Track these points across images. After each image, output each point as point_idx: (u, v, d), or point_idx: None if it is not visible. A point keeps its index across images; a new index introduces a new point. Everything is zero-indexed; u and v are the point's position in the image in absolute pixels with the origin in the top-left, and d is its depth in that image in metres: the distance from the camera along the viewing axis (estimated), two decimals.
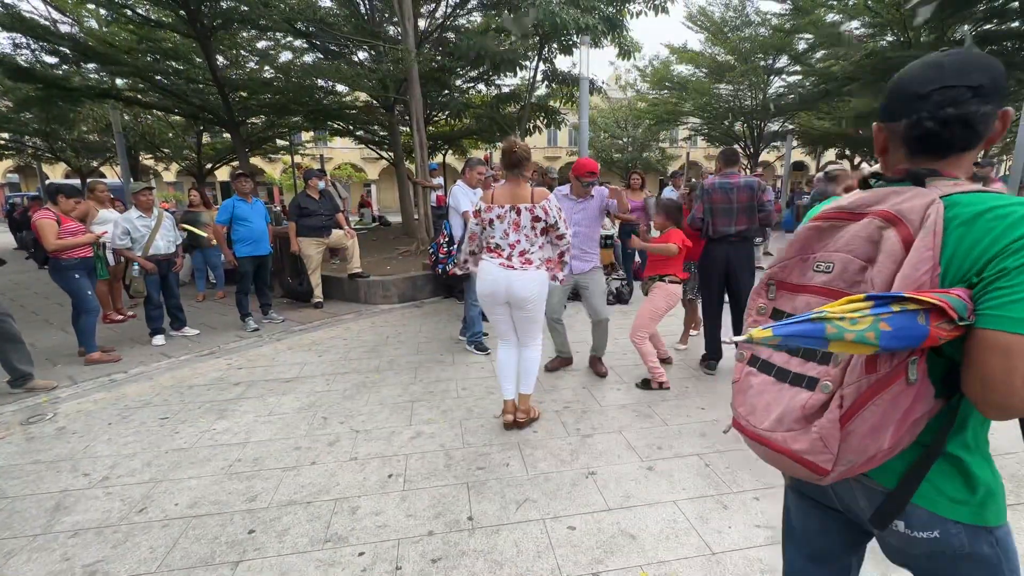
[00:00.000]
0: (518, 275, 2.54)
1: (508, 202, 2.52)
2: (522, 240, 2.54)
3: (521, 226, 2.52)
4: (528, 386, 2.80)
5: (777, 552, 1.82)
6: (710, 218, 3.44)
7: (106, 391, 3.57)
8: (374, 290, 6.11)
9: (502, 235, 2.55)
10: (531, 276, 2.55)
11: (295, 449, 2.67)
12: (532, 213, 2.51)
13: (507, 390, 2.79)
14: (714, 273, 3.55)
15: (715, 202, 3.42)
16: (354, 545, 1.91)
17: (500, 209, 2.53)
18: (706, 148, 32.00)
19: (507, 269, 2.54)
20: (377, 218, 18.58)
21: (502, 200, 2.54)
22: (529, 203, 2.50)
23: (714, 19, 16.55)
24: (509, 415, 2.80)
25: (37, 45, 7.94)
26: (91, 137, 15.01)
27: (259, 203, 5.23)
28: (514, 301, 2.59)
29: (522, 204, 2.50)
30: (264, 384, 3.62)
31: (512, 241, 2.55)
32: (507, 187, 2.57)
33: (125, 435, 2.88)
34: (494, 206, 2.54)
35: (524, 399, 2.81)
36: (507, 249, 2.56)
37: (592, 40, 7.66)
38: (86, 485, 2.37)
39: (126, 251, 4.45)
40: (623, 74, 22.02)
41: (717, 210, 3.42)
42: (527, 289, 2.55)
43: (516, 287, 2.54)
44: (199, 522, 2.07)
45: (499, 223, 2.54)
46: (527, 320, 2.68)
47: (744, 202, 3.40)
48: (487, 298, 2.64)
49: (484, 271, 2.62)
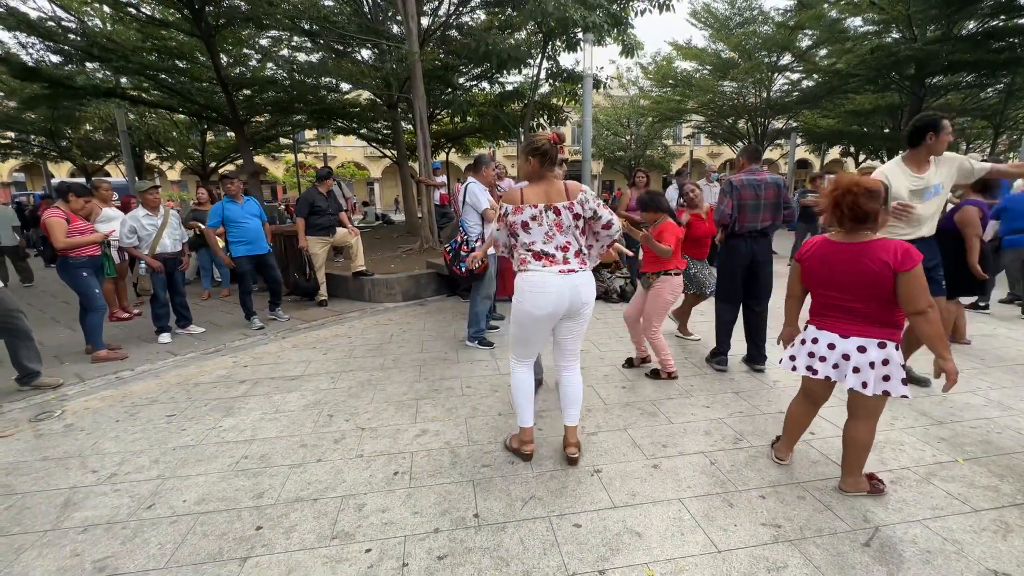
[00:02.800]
0: (582, 277, 2.24)
1: (542, 201, 2.20)
2: (572, 241, 2.24)
3: (565, 226, 2.20)
4: (577, 416, 2.46)
5: (784, 551, 1.82)
6: (737, 214, 3.45)
7: (113, 389, 3.59)
8: (378, 288, 6.12)
9: (544, 239, 2.21)
10: (591, 277, 2.31)
11: (301, 446, 2.68)
12: (572, 211, 2.19)
13: (528, 415, 2.43)
14: (738, 267, 3.54)
15: (744, 198, 3.43)
16: (361, 542, 1.92)
17: (533, 210, 2.18)
18: (709, 146, 31.89)
19: (568, 275, 2.21)
20: (380, 216, 18.62)
21: (534, 199, 2.20)
22: (567, 200, 2.20)
23: (718, 15, 16.47)
24: (533, 444, 2.45)
25: (42, 44, 7.99)
26: (96, 136, 15.10)
27: (251, 202, 5.14)
28: (575, 311, 2.28)
29: (559, 203, 2.19)
30: (270, 382, 3.64)
31: (561, 243, 2.22)
32: (539, 186, 2.24)
33: (132, 432, 2.90)
34: (524, 207, 2.20)
35: (574, 431, 2.45)
36: (559, 253, 2.22)
37: (596, 38, 7.64)
38: (94, 482, 2.39)
39: (133, 249, 4.47)
40: (625, 72, 21.96)
41: (745, 206, 3.43)
42: (590, 292, 2.28)
43: (583, 291, 2.24)
44: (207, 518, 2.09)
45: (536, 225, 2.20)
46: (582, 330, 2.40)
47: (771, 198, 3.44)
48: (544, 319, 2.25)
49: (540, 284, 2.21)
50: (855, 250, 1.92)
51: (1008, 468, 2.33)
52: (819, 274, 2.04)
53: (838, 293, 1.99)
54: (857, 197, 1.86)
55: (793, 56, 15.67)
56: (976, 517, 1.99)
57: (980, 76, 12.38)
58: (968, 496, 2.12)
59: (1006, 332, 4.40)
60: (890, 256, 1.84)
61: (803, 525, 1.95)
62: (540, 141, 2.20)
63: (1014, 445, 2.53)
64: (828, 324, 2.04)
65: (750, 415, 2.92)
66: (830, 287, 2.02)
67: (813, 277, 2.08)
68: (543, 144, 2.18)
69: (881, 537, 1.88)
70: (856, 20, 13.50)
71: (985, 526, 1.93)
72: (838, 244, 1.97)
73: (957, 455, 2.45)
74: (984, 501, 2.09)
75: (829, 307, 2.04)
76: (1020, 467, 2.33)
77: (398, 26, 10.42)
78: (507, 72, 9.72)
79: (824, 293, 2.05)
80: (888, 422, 2.79)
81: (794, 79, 16.94)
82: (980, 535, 1.88)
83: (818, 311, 2.10)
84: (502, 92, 11.36)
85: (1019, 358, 3.78)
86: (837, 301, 2.01)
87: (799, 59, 15.55)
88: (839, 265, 1.96)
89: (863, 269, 1.89)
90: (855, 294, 1.94)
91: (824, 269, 2.01)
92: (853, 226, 1.93)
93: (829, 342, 2.01)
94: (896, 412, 2.92)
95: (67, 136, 14.51)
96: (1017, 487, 2.18)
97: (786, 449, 2.39)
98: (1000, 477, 2.26)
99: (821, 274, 2.03)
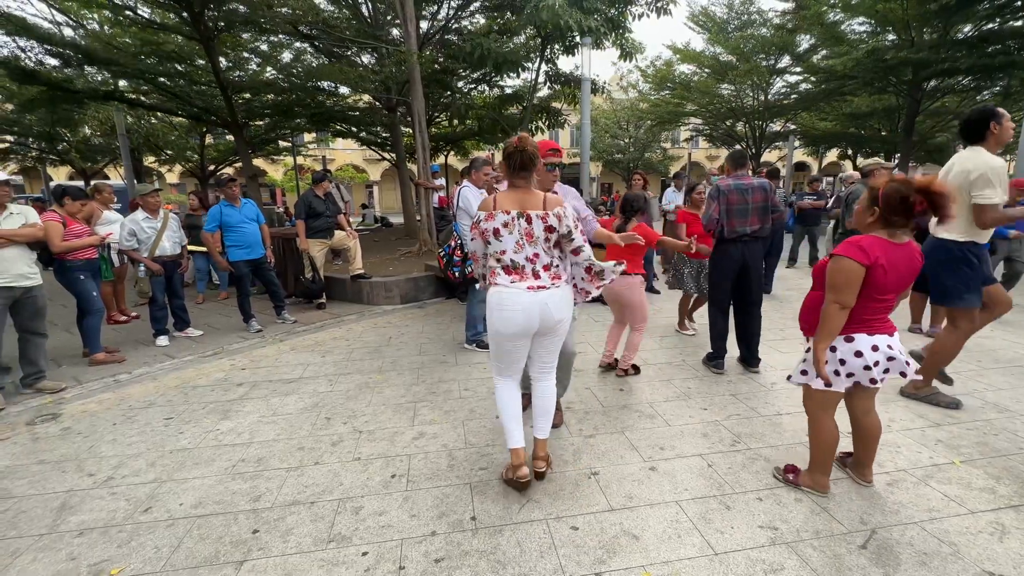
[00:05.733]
0: (553, 294, 2.10)
1: (515, 208, 2.05)
2: (542, 254, 2.09)
3: (535, 237, 2.06)
4: (547, 429, 2.31)
5: (780, 553, 1.82)
6: (726, 219, 3.48)
7: (111, 392, 3.59)
8: (376, 291, 6.12)
9: (515, 248, 2.07)
10: (564, 292, 2.15)
11: (299, 449, 2.68)
12: (545, 222, 2.04)
13: (517, 436, 2.23)
14: (729, 271, 3.57)
15: (732, 203, 3.47)
16: (358, 545, 1.92)
17: (505, 216, 2.05)
18: (708, 149, 31.97)
19: (538, 291, 2.08)
20: (379, 219, 18.63)
21: (507, 205, 2.06)
22: (541, 210, 2.04)
23: (717, 19, 16.55)
24: (525, 468, 2.20)
25: (41, 48, 8.01)
26: (95, 139, 15.10)
27: (249, 205, 5.12)
28: (548, 328, 2.15)
29: (533, 211, 2.04)
30: (268, 385, 3.63)
31: (530, 255, 2.08)
32: (513, 192, 2.09)
33: (130, 435, 2.89)
34: (497, 212, 2.06)
35: (543, 445, 2.30)
36: (528, 265, 2.09)
37: (594, 42, 7.67)
38: (91, 485, 2.38)
39: (132, 252, 4.48)
40: (625, 75, 22.03)
41: (733, 211, 3.47)
42: (562, 309, 2.14)
43: (553, 309, 2.10)
44: (203, 522, 2.08)
45: (507, 233, 2.06)
46: (556, 345, 2.27)
47: (759, 202, 3.47)
48: (514, 337, 2.14)
49: (507, 302, 2.08)
50: (911, 250, 1.91)
51: (1005, 470, 2.33)
52: (888, 278, 1.87)
53: (893, 295, 1.94)
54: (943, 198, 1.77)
55: (791, 58, 15.75)
56: (972, 519, 1.99)
57: (976, 79, 12.45)
58: (965, 498, 2.12)
59: (1002, 334, 4.41)
60: (919, 254, 1.93)
61: (800, 527, 1.95)
62: (505, 146, 2.10)
63: (1010, 447, 2.53)
64: (877, 328, 1.96)
65: (747, 418, 2.92)
66: (892, 291, 1.92)
67: (882, 282, 1.87)
68: (508, 148, 2.07)
69: (878, 539, 1.88)
70: (854, 23, 13.58)
71: (981, 528, 1.93)
72: (896, 245, 1.88)
73: (954, 457, 2.45)
74: (980, 503, 2.09)
75: (879, 311, 1.95)
76: (1016, 469, 2.34)
77: (397, 30, 10.47)
78: (505, 75, 9.76)
79: (883, 298, 1.92)
80: (886, 424, 2.79)
81: (792, 82, 17.03)
82: (976, 537, 1.88)
83: (864, 318, 1.95)
84: (501, 95, 11.40)
85: (1016, 360, 3.79)
86: (890, 303, 1.96)
87: (797, 61, 15.63)
88: (903, 266, 1.90)
89: (916, 267, 1.93)
90: (900, 291, 1.96)
91: (894, 273, 1.88)
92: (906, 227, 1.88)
93: (887, 344, 1.95)
94: (893, 414, 2.92)
95: (65, 139, 14.51)
96: (1013, 489, 2.18)
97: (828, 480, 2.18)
98: (997, 479, 2.26)
99: (891, 278, 1.88)
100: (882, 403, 3.06)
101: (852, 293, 1.87)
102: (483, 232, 2.12)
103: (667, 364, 3.84)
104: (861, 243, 1.86)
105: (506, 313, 2.09)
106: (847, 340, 1.96)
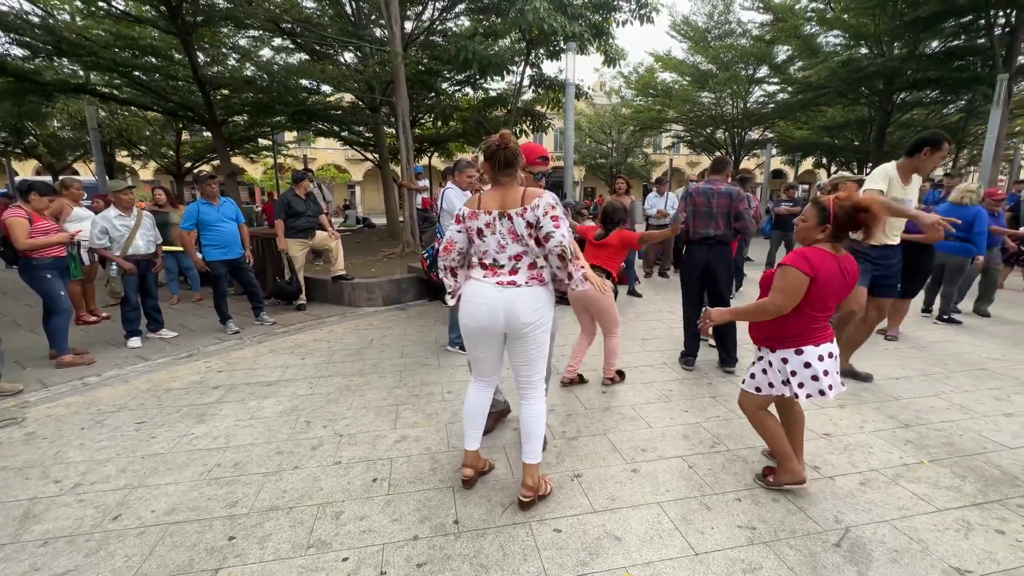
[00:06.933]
0: (521, 293, 2.00)
1: (497, 208, 2.01)
2: (528, 252, 2.03)
3: (519, 235, 2.00)
4: (536, 454, 2.15)
5: (759, 552, 1.86)
6: (691, 220, 3.60)
7: (79, 395, 3.46)
8: (358, 292, 6.05)
9: (497, 248, 2.02)
10: (538, 294, 2.04)
11: (277, 453, 2.62)
12: (524, 218, 1.98)
13: (472, 438, 2.24)
14: (693, 273, 3.71)
15: (697, 205, 3.61)
16: (338, 550, 1.89)
17: (487, 216, 2.01)
18: (688, 155, 32.55)
19: (507, 287, 2.01)
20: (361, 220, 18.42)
21: (490, 205, 2.03)
22: (520, 207, 1.98)
23: (697, 28, 16.89)
24: (469, 469, 2.25)
25: (7, 37, 7.69)
26: (64, 133, 14.57)
27: (228, 204, 4.98)
28: (515, 330, 2.03)
29: (513, 209, 1.98)
30: (245, 387, 3.55)
31: (514, 253, 2.02)
32: (496, 191, 2.05)
33: (99, 440, 2.79)
34: (480, 212, 2.03)
35: (533, 471, 2.14)
36: (508, 263, 2.03)
37: (578, 47, 7.74)
38: (57, 492, 2.29)
39: (104, 250, 4.33)
40: (608, 80, 22.31)
41: (699, 213, 3.61)
42: (533, 312, 2.02)
43: (521, 309, 1.99)
44: (177, 529, 2.02)
45: (490, 233, 2.02)
46: (532, 355, 2.11)
47: (723, 207, 3.59)
48: (477, 332, 2.08)
49: (473, 295, 2.06)
50: (848, 261, 2.02)
51: (969, 469, 2.42)
52: (828, 289, 1.95)
53: (834, 304, 2.03)
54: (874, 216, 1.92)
55: (769, 69, 16.18)
56: (940, 516, 2.06)
57: (943, 93, 12.99)
58: (933, 496, 2.20)
59: (967, 339, 4.59)
60: (855, 263, 2.03)
61: (777, 527, 1.99)
62: (488, 144, 2.04)
63: (975, 447, 2.64)
64: (820, 337, 2.04)
65: (727, 419, 2.97)
66: (833, 301, 2.00)
67: (823, 292, 1.96)
68: (490, 147, 2.02)
69: (851, 537, 1.93)
70: (829, 36, 14.03)
71: (948, 525, 2.01)
72: (838, 257, 1.98)
73: (923, 457, 2.54)
74: (947, 501, 2.16)
75: (821, 320, 2.03)
76: (980, 468, 2.43)
77: (381, 29, 10.39)
78: (489, 78, 9.77)
79: (826, 308, 2.00)
80: (858, 425, 2.88)
81: (770, 91, 17.48)
82: (944, 534, 1.95)
83: (811, 328, 2.02)
84: (485, 98, 11.41)
85: (979, 363, 3.95)
86: (831, 312, 2.06)
87: (775, 72, 16.06)
88: (845, 277, 1.99)
89: (854, 276, 2.03)
90: (840, 300, 2.05)
91: (835, 282, 1.96)
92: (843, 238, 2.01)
93: (829, 352, 2.04)
94: (866, 416, 3.01)
95: (32, 133, 13.97)
96: (977, 487, 2.27)
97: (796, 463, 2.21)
98: (962, 478, 2.35)
99: (831, 288, 1.95)
100: (855, 405, 3.16)
101: (793, 300, 1.97)
102: (468, 229, 2.08)
103: (648, 366, 3.89)
104: (807, 255, 1.96)
105: (470, 306, 2.07)
106: (797, 353, 2.04)
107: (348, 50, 10.29)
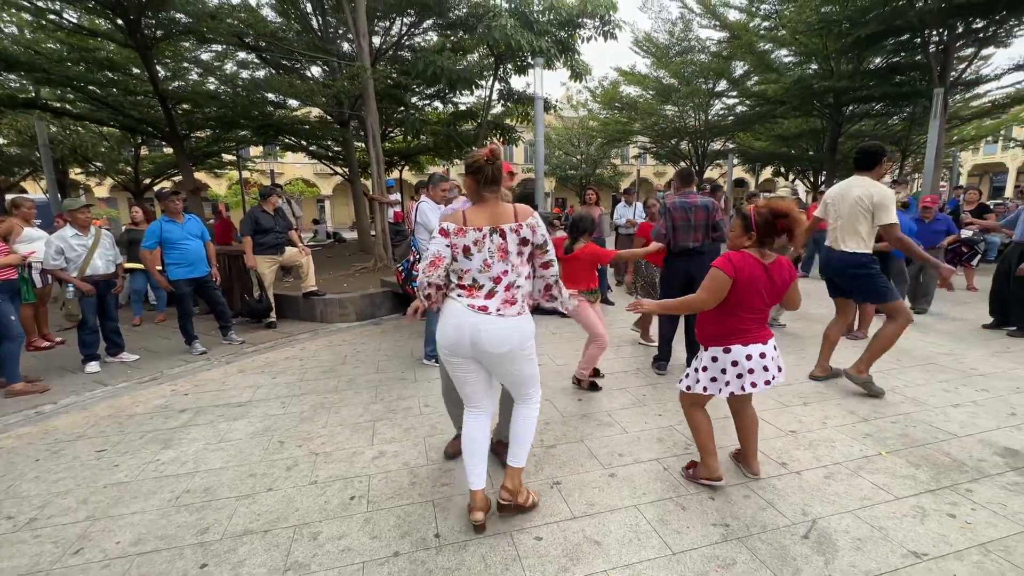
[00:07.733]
0: (488, 322, 1.92)
1: (487, 223, 1.94)
2: (510, 271, 1.97)
3: (509, 253, 1.95)
4: (521, 457, 2.11)
5: (732, 548, 1.92)
6: (672, 234, 3.75)
7: (32, 425, 3.28)
8: (331, 308, 5.95)
9: (481, 266, 1.94)
10: (506, 326, 1.94)
11: (250, 476, 2.55)
12: (519, 234, 1.95)
13: (477, 477, 2.05)
14: (675, 283, 3.83)
15: (676, 219, 3.76)
16: (316, 572, 1.85)
17: (477, 233, 1.92)
18: (655, 166, 33.49)
19: (477, 312, 1.92)
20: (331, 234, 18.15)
21: (478, 221, 1.94)
22: (514, 222, 1.95)
23: (659, 45, 17.52)
24: (479, 512, 2.03)
25: None
26: (11, 150, 13.84)
27: (193, 220, 4.86)
28: (484, 356, 1.97)
29: (505, 224, 1.94)
30: (214, 409, 3.44)
31: (496, 274, 1.95)
32: (483, 206, 1.98)
33: (56, 471, 2.65)
34: (468, 229, 1.93)
35: (515, 475, 2.09)
36: (488, 284, 1.96)
37: (545, 62, 7.92)
38: (10, 529, 2.17)
39: (59, 272, 4.14)
40: (575, 94, 22.82)
41: (678, 227, 3.76)
42: (498, 344, 1.93)
43: (485, 339, 1.92)
44: (144, 559, 1.94)
45: (476, 251, 1.93)
46: (511, 380, 2.09)
47: (701, 220, 3.76)
48: (448, 351, 2.01)
49: (446, 312, 2.00)
50: (780, 266, 2.17)
51: (923, 458, 2.57)
52: (754, 290, 2.11)
53: (764, 306, 2.17)
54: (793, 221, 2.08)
55: (728, 83, 16.90)
56: (898, 504, 2.18)
57: (887, 106, 13.86)
58: (891, 486, 2.32)
59: (918, 335, 4.87)
60: (788, 268, 2.19)
61: (748, 523, 2.07)
62: (475, 159, 1.97)
63: (927, 437, 2.80)
64: (751, 338, 2.17)
65: None
66: (764, 303, 2.15)
67: (749, 293, 2.11)
68: (477, 162, 1.95)
69: (818, 529, 2.02)
70: (781, 53, 14.79)
71: (906, 512, 2.12)
72: (765, 262, 2.14)
73: (881, 448, 2.68)
74: (904, 489, 2.29)
75: (752, 322, 2.17)
76: (933, 457, 2.58)
77: (349, 44, 10.36)
78: (459, 92, 9.88)
79: (755, 309, 2.15)
80: (821, 421, 3.02)
81: (730, 104, 18.23)
82: (902, 521, 2.07)
83: (741, 328, 2.15)
84: (455, 112, 11.49)
85: (930, 358, 4.19)
86: (764, 315, 2.21)
87: (733, 86, 16.78)
88: (772, 280, 2.14)
89: (786, 280, 2.18)
90: (771, 303, 2.20)
91: (758, 284, 2.11)
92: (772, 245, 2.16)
93: (760, 352, 2.16)
94: (828, 412, 3.15)
95: None
96: (931, 475, 2.41)
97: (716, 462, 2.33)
98: (916, 467, 2.49)
99: (754, 290, 2.11)
100: (818, 402, 3.31)
101: (716, 298, 2.15)
102: (452, 246, 1.96)
103: (623, 372, 3.97)
104: (732, 258, 2.14)
105: (442, 324, 2.01)
106: (725, 351, 2.18)
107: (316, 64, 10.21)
